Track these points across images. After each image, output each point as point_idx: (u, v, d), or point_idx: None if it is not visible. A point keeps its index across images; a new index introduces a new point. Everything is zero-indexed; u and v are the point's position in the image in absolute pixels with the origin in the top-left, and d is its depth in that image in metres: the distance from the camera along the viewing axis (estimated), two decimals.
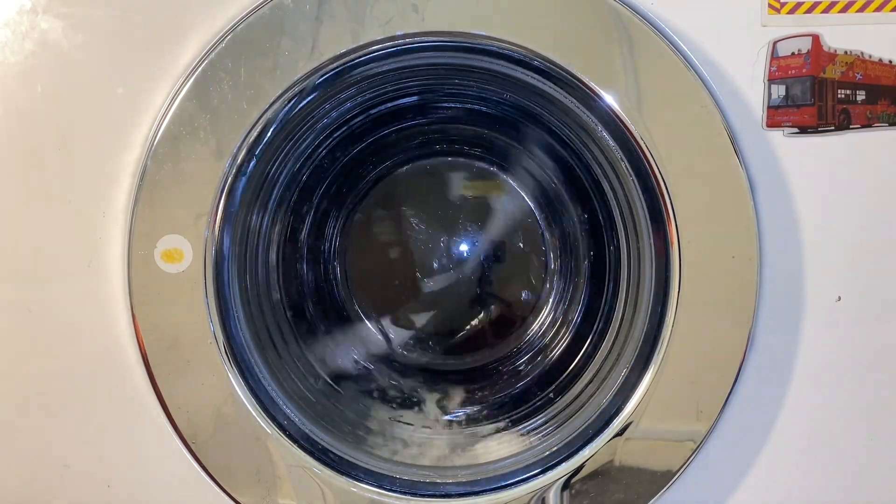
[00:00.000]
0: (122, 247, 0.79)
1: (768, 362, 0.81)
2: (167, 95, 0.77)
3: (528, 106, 0.90)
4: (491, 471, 0.83)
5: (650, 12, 0.77)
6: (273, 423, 0.80)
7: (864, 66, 0.77)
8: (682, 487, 0.82)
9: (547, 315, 1.03)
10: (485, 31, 0.76)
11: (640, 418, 0.80)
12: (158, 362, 0.79)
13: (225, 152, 0.77)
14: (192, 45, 0.77)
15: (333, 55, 0.76)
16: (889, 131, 0.78)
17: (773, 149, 0.78)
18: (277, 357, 0.88)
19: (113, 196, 0.79)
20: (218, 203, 0.78)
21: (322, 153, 0.94)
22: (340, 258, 1.03)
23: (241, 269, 0.84)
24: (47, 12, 0.78)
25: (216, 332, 0.79)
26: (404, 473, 0.83)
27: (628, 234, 0.86)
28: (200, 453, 0.81)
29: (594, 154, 0.87)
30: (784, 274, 0.80)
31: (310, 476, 0.81)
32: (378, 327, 1.04)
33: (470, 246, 1.03)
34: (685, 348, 0.79)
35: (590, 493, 0.81)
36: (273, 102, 0.76)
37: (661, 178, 0.77)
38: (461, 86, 0.91)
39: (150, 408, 0.80)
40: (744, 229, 0.78)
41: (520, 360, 1.02)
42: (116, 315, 0.80)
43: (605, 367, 0.87)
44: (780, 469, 0.83)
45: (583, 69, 0.76)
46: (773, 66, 0.77)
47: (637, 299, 0.84)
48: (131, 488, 0.84)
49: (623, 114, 0.76)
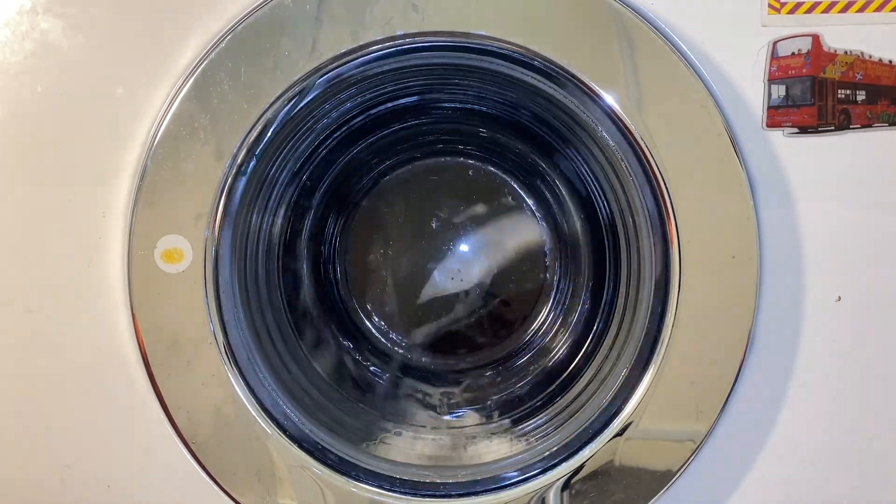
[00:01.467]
0: (122, 247, 0.79)
1: (768, 362, 0.81)
2: (167, 95, 0.77)
3: (528, 106, 0.90)
4: (491, 471, 0.83)
5: (650, 12, 0.77)
6: (273, 423, 0.80)
7: (864, 66, 0.77)
8: (682, 487, 0.82)
9: (547, 315, 1.03)
10: (485, 31, 0.76)
11: (640, 418, 0.80)
12: (158, 362, 0.79)
13: (225, 152, 0.77)
14: (192, 45, 0.77)
15: (333, 55, 0.76)
16: (889, 131, 0.78)
17: (773, 149, 0.78)
18: (277, 357, 0.88)
19: (113, 196, 0.79)
20: (218, 203, 0.78)
21: (322, 153, 0.94)
22: (340, 258, 1.03)
23: (241, 269, 0.84)
24: (47, 12, 0.77)
25: (216, 332, 0.79)
26: (404, 473, 0.83)
27: (628, 234, 0.86)
28: (200, 453, 0.81)
29: (594, 154, 0.87)
30: (784, 274, 0.80)
31: (310, 476, 0.81)
32: (378, 327, 1.04)
33: (470, 246, 1.03)
34: (685, 348, 0.79)
35: (590, 493, 0.81)
36: (273, 102, 0.76)
37: (661, 178, 0.77)
38: (461, 86, 0.91)
39: (150, 408, 0.80)
40: (744, 229, 0.77)
41: (520, 360, 1.02)
42: (116, 315, 0.80)
43: (605, 367, 0.87)
44: (780, 469, 0.83)
45: (583, 69, 0.76)
46: (773, 66, 0.77)
47: (637, 299, 0.84)
48: (131, 488, 0.84)
49: (623, 114, 0.76)
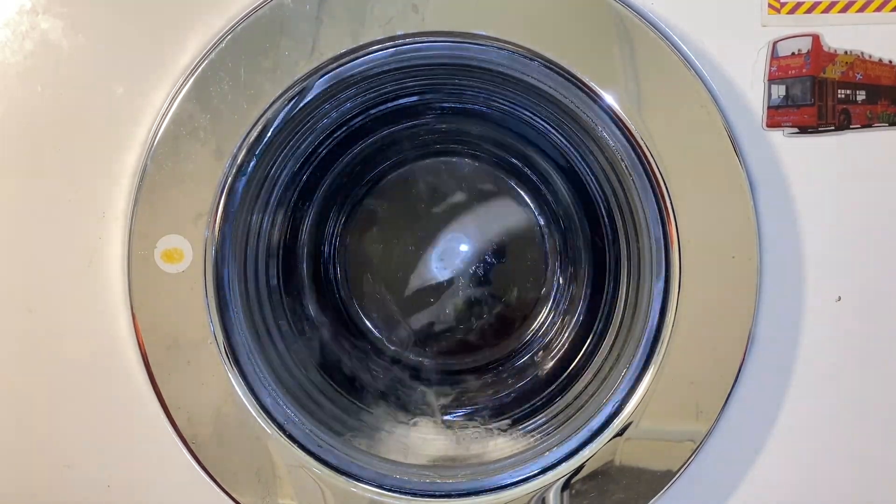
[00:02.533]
0: (122, 247, 0.79)
1: (768, 362, 0.81)
2: (167, 95, 0.77)
3: (527, 106, 0.90)
4: (491, 471, 0.83)
5: (650, 12, 0.77)
6: (273, 423, 0.80)
7: (864, 66, 0.77)
8: (682, 487, 0.82)
9: (547, 315, 1.03)
10: (485, 31, 0.76)
11: (640, 418, 0.80)
12: (158, 362, 0.79)
13: (225, 152, 0.77)
14: (192, 45, 0.77)
15: (333, 55, 0.76)
16: (889, 131, 0.78)
17: (773, 149, 0.78)
18: (277, 357, 0.88)
19: (113, 196, 0.79)
20: (218, 203, 0.78)
21: (322, 153, 0.94)
22: (340, 258, 1.03)
23: (241, 269, 0.84)
24: (47, 12, 0.77)
25: (216, 332, 0.79)
26: (404, 473, 0.83)
27: (628, 234, 0.86)
28: (200, 453, 0.81)
29: (594, 154, 0.87)
30: (784, 274, 0.80)
31: (310, 476, 0.81)
32: (378, 327, 1.04)
33: (470, 246, 1.03)
34: (685, 348, 0.79)
35: (590, 493, 0.81)
36: (273, 102, 0.76)
37: (661, 178, 0.77)
38: (461, 86, 0.91)
39: (150, 408, 0.80)
40: (744, 229, 0.77)
41: (520, 360, 1.02)
42: (116, 315, 0.80)
43: (605, 367, 0.87)
44: (780, 469, 0.83)
45: (583, 69, 0.76)
46: (773, 66, 0.77)
47: (637, 299, 0.84)
48: (131, 488, 0.84)
49: (623, 114, 0.76)
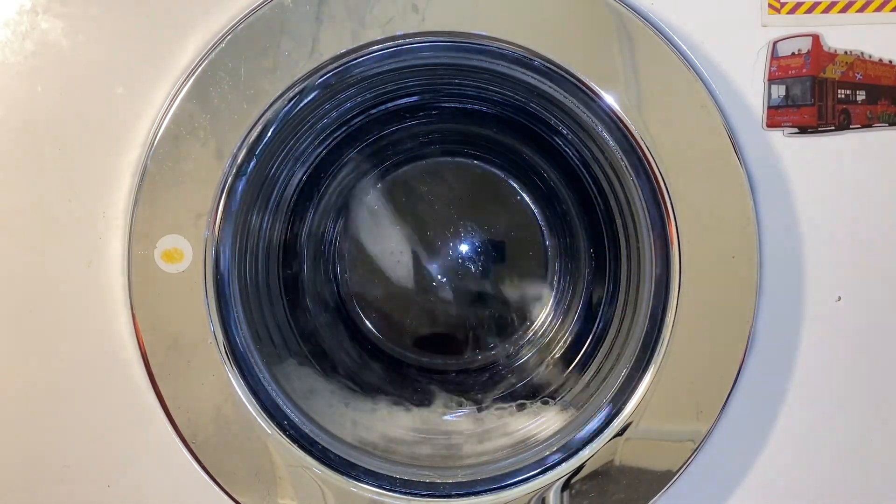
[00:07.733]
0: (122, 247, 0.79)
1: (768, 362, 0.81)
2: (167, 95, 0.77)
3: (528, 106, 0.90)
4: (491, 471, 0.83)
5: (650, 12, 0.77)
6: (273, 423, 0.80)
7: (864, 67, 0.77)
8: (682, 487, 0.82)
9: (547, 315, 1.03)
10: (485, 31, 0.76)
11: (640, 418, 0.80)
12: (158, 362, 0.79)
13: (225, 152, 0.77)
14: (192, 45, 0.77)
15: (333, 55, 0.76)
16: (889, 131, 0.78)
17: (773, 149, 0.78)
18: (277, 357, 0.88)
19: (113, 196, 0.79)
20: (218, 203, 0.78)
21: (322, 153, 0.94)
22: (340, 258, 1.03)
23: (241, 269, 0.83)
24: (47, 12, 0.77)
25: (216, 332, 0.79)
26: (404, 473, 0.83)
27: (628, 234, 0.86)
28: (200, 453, 0.81)
29: (594, 154, 0.87)
30: (784, 274, 0.80)
31: (310, 476, 0.81)
32: (378, 326, 1.04)
33: (470, 246, 1.03)
34: (685, 348, 0.79)
35: (590, 494, 0.81)
36: (273, 102, 0.76)
37: (661, 178, 0.77)
38: (461, 86, 0.91)
39: (150, 408, 0.80)
40: (744, 229, 0.77)
41: (520, 359, 1.02)
42: (116, 315, 0.80)
43: (605, 367, 0.87)
44: (780, 469, 0.83)
45: (583, 69, 0.76)
46: (773, 66, 0.77)
47: (637, 299, 0.84)
48: (131, 488, 0.84)
49: (623, 114, 0.76)
